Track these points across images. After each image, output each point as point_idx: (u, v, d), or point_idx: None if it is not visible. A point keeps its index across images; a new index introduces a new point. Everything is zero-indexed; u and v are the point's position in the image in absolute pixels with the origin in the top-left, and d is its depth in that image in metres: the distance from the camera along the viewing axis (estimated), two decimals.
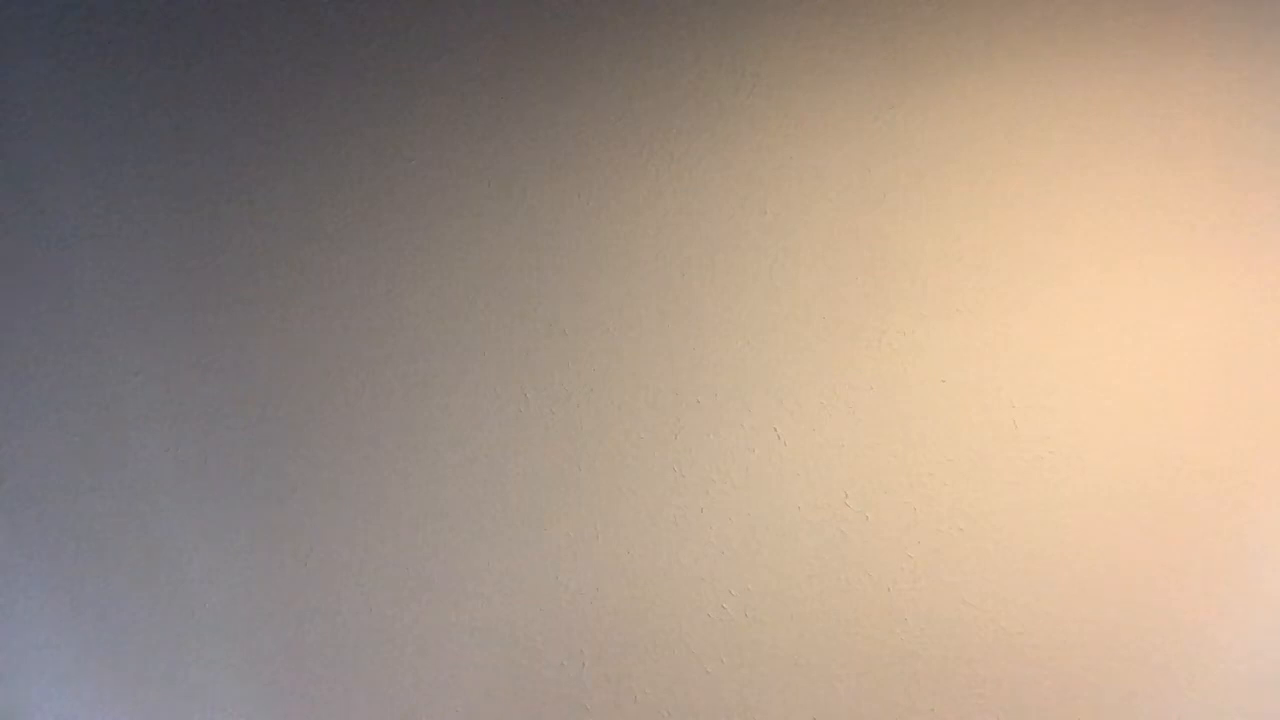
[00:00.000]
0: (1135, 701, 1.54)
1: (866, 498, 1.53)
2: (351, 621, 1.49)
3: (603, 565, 1.51)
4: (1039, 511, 1.54)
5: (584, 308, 1.52)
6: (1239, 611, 1.55)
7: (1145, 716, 1.54)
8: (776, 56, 1.54)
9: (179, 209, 1.48)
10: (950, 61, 1.56)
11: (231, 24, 1.48)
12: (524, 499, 1.50)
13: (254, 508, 1.48)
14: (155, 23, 1.48)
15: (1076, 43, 1.57)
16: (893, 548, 1.53)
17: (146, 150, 1.48)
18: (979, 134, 1.56)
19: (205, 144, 1.49)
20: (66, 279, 1.47)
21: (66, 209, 1.47)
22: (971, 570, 1.53)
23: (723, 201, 1.53)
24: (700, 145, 1.53)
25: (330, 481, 1.49)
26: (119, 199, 1.47)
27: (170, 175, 1.48)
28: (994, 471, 1.54)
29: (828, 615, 1.52)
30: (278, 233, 1.50)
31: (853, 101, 1.55)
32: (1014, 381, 1.55)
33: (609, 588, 1.51)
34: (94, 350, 1.47)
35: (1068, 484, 1.54)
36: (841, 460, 1.53)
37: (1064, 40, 1.57)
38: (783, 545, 1.52)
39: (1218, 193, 1.57)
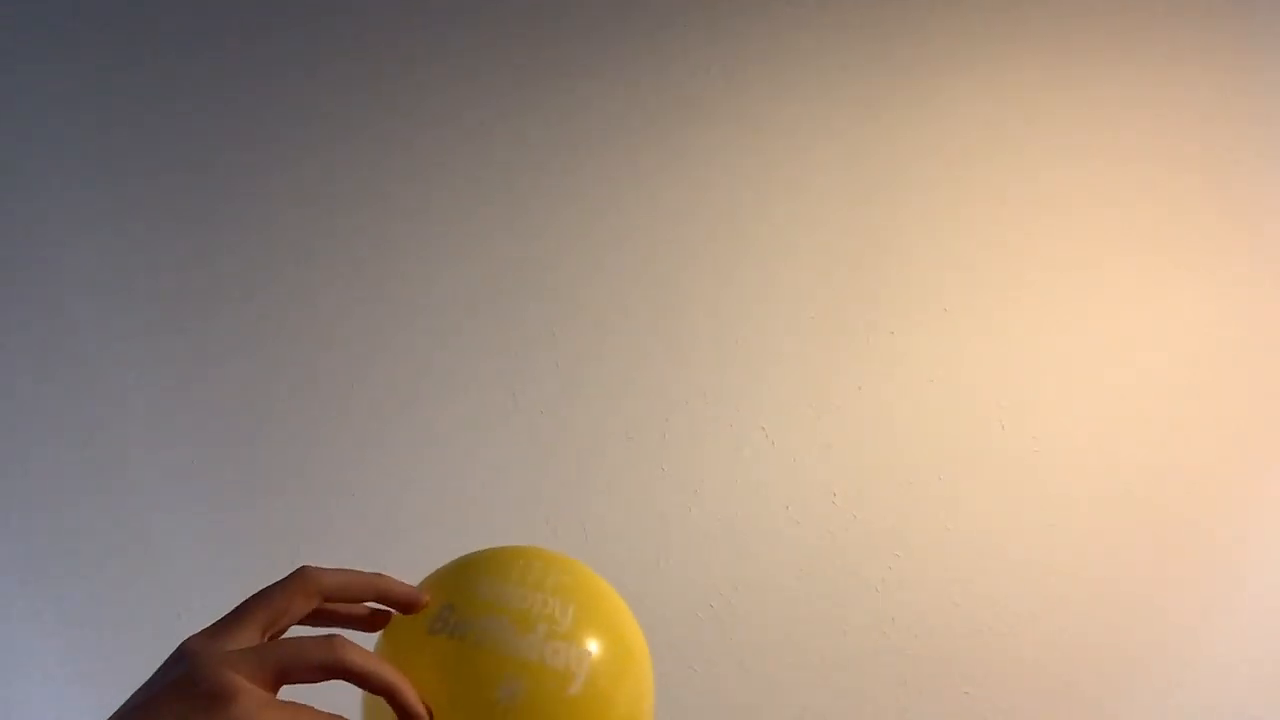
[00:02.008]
0: (1124, 703, 1.53)
1: (854, 498, 1.53)
2: None
3: (589, 565, 1.51)
4: (1027, 512, 1.53)
5: (573, 307, 1.53)
6: (1230, 615, 1.53)
7: (1134, 718, 1.53)
8: (767, 56, 1.55)
9: (174, 212, 1.50)
10: (939, 61, 1.56)
11: (231, 24, 1.50)
12: (511, 500, 1.51)
13: (246, 511, 1.50)
14: (154, 21, 1.50)
15: (1066, 42, 1.57)
16: (881, 548, 1.53)
17: (141, 151, 1.50)
18: (967, 133, 1.55)
19: (199, 144, 1.50)
20: (60, 280, 1.49)
21: (60, 211, 1.49)
22: (960, 571, 1.53)
23: (710, 201, 1.54)
24: (688, 144, 1.54)
25: (323, 483, 1.50)
26: (113, 200, 1.49)
27: (163, 177, 1.50)
28: (982, 472, 1.53)
29: (815, 615, 1.52)
30: (272, 235, 1.51)
31: (842, 100, 1.55)
32: (1002, 381, 1.54)
33: None
34: (88, 353, 1.49)
35: (1056, 484, 1.53)
36: (829, 460, 1.53)
37: (1053, 40, 1.57)
38: (770, 545, 1.52)
39: (1210, 193, 1.56)
